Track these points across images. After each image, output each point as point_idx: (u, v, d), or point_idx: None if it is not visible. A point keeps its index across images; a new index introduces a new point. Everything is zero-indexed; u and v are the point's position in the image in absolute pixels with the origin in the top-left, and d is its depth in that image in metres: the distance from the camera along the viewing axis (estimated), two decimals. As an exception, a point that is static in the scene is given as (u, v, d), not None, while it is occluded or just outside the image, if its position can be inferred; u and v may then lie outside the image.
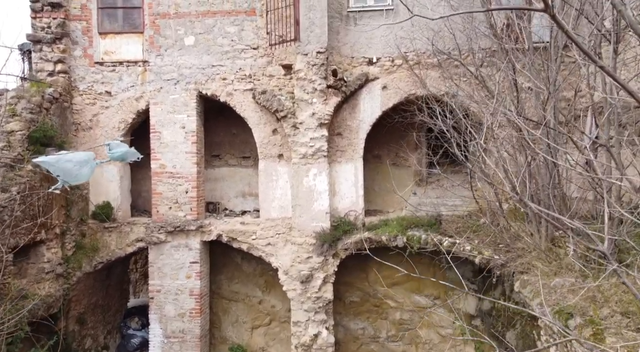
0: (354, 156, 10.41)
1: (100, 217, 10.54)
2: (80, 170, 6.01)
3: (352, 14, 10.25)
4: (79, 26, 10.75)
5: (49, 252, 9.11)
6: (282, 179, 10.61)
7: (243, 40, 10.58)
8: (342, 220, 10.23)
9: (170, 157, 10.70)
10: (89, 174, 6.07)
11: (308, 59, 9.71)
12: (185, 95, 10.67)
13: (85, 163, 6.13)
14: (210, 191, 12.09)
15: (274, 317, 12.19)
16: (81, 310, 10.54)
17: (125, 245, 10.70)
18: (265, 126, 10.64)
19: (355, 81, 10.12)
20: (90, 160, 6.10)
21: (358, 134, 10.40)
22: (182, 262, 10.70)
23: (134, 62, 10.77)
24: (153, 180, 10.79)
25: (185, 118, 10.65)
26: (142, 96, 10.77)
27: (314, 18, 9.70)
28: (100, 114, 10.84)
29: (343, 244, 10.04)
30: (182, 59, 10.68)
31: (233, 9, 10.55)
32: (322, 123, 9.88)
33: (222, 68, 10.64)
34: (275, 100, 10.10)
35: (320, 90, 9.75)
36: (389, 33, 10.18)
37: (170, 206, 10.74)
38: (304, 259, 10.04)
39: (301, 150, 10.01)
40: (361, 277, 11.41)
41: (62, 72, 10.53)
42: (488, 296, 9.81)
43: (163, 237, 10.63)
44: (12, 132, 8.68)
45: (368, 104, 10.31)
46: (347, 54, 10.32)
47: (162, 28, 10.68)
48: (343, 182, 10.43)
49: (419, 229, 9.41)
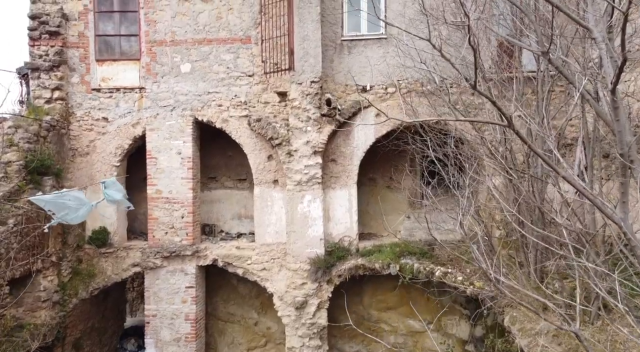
0: (348, 182, 10.53)
1: (96, 242, 10.63)
2: (77, 212, 6.11)
3: (346, 42, 10.40)
4: (76, 53, 10.88)
5: (45, 281, 9.20)
6: (277, 205, 10.71)
7: (239, 67, 10.72)
8: (337, 246, 10.34)
9: (166, 182, 10.81)
10: (86, 215, 6.17)
11: (302, 88, 9.85)
12: (181, 121, 10.79)
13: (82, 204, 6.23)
14: (206, 213, 12.19)
15: (270, 339, 12.26)
16: (77, 335, 10.61)
17: (121, 270, 10.78)
18: (260, 152, 10.76)
19: (349, 109, 10.25)
20: (86, 202, 6.19)
21: (352, 160, 10.52)
22: (177, 287, 10.78)
23: (130, 88, 10.89)
24: (149, 205, 10.89)
25: (181, 144, 10.77)
26: (139, 122, 10.89)
27: (308, 48, 9.84)
28: (97, 139, 10.95)
29: (337, 270, 10.14)
30: (179, 86, 10.81)
31: (229, 36, 10.69)
32: (317, 151, 10.01)
33: (217, 95, 10.77)
34: (270, 128, 10.23)
35: (315, 119, 9.88)
36: (382, 61, 10.33)
37: (167, 231, 10.83)
38: (299, 285, 10.13)
39: (296, 177, 10.12)
40: (355, 300, 11.50)
41: (59, 99, 10.65)
42: (480, 322, 9.91)
43: (159, 262, 10.72)
44: (10, 162, 8.78)
45: (362, 131, 10.44)
46: (341, 81, 10.46)
47: (159, 55, 10.82)
48: (337, 208, 10.55)
49: (412, 257, 9.52)
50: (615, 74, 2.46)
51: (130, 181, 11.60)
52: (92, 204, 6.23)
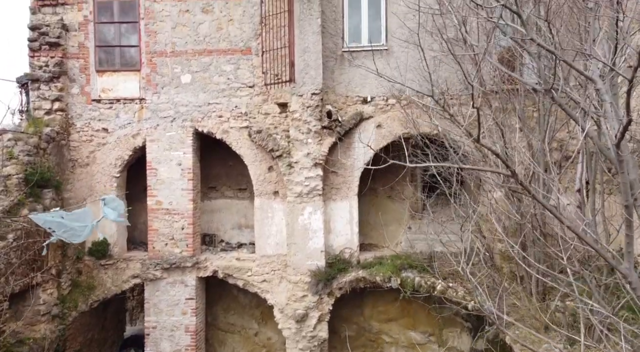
0: (349, 194, 10.49)
1: (96, 254, 10.59)
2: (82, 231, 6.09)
3: (347, 53, 10.36)
4: (76, 64, 10.85)
5: (44, 294, 9.16)
6: (277, 216, 10.67)
7: (239, 78, 10.69)
8: (337, 258, 10.30)
9: (166, 193, 10.77)
10: (88, 234, 6.16)
11: (303, 100, 9.82)
12: (181, 132, 10.76)
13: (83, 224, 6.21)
14: (207, 222, 12.15)
15: (270, 350, 12.21)
16: (77, 347, 10.56)
17: (121, 282, 10.75)
18: (261, 164, 10.72)
19: (350, 120, 10.22)
20: (87, 221, 6.17)
21: (353, 171, 10.49)
22: (177, 298, 10.74)
23: (130, 99, 10.86)
24: (149, 216, 10.85)
25: (181, 155, 10.74)
26: (139, 133, 10.86)
27: (308, 60, 9.81)
28: (97, 150, 10.92)
29: (338, 282, 10.10)
30: (179, 97, 10.78)
31: (229, 47, 10.66)
32: (317, 163, 9.98)
33: (218, 106, 10.74)
34: (270, 140, 10.20)
35: (315, 132, 9.85)
36: (383, 73, 10.26)
37: (167, 242, 10.80)
38: (299, 298, 10.09)
39: (296, 189, 10.08)
40: (357, 311, 11.45)
41: (59, 110, 10.62)
42: (482, 335, 9.86)
43: (159, 274, 10.68)
44: (9, 176, 8.75)
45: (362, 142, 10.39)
46: (342, 93, 10.43)
47: (159, 66, 10.79)
48: (338, 220, 10.51)
49: (413, 270, 9.47)
50: (620, 132, 2.42)
51: (130, 191, 11.58)
52: (93, 224, 6.21)
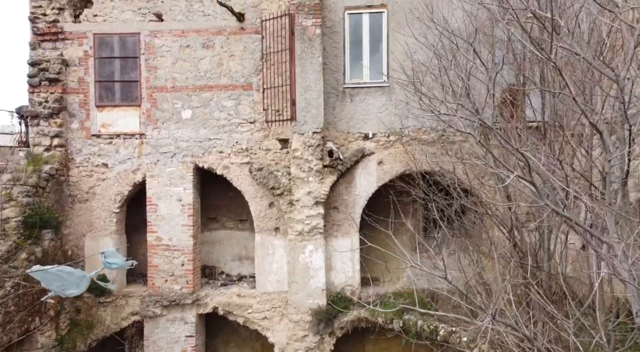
0: (350, 231, 10.40)
1: (95, 291, 10.48)
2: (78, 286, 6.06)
3: (348, 90, 10.31)
4: (76, 99, 10.80)
5: (42, 337, 9.06)
6: (278, 253, 10.59)
7: (240, 114, 10.63)
8: (339, 296, 10.20)
9: (166, 229, 10.69)
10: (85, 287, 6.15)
11: (304, 139, 9.75)
12: (182, 168, 10.69)
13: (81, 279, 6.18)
14: (207, 254, 12.05)
15: (271, 383, 12.08)
16: (75, 386, 10.43)
17: (120, 319, 10.64)
18: (261, 200, 10.65)
19: (352, 157, 10.15)
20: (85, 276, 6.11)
21: (354, 208, 10.40)
22: (177, 335, 10.64)
23: (131, 134, 10.80)
24: (149, 252, 10.77)
25: (181, 191, 10.66)
26: (139, 169, 10.79)
27: (310, 98, 9.76)
28: (97, 186, 10.84)
29: (339, 322, 9.99)
30: (179, 132, 10.72)
31: (230, 83, 10.61)
32: (318, 201, 9.90)
33: (218, 141, 10.68)
34: (271, 178, 10.12)
35: (317, 170, 9.78)
36: (385, 109, 10.25)
37: (166, 279, 10.70)
38: (300, 338, 9.98)
39: (297, 227, 10.00)
40: (358, 347, 11.33)
41: (59, 146, 10.56)
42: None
43: (159, 311, 10.57)
44: (8, 219, 8.66)
45: (364, 179, 10.33)
46: (344, 129, 10.37)
47: (159, 101, 10.74)
48: (339, 257, 10.40)
49: (415, 313, 9.35)
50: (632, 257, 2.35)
51: (130, 220, 11.50)
52: (91, 275, 6.16)
